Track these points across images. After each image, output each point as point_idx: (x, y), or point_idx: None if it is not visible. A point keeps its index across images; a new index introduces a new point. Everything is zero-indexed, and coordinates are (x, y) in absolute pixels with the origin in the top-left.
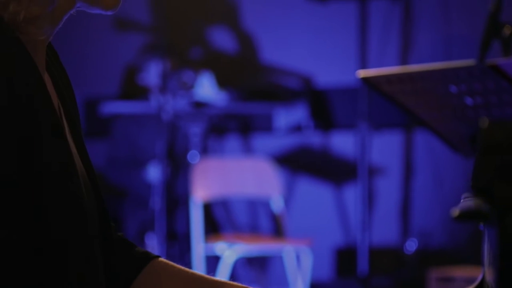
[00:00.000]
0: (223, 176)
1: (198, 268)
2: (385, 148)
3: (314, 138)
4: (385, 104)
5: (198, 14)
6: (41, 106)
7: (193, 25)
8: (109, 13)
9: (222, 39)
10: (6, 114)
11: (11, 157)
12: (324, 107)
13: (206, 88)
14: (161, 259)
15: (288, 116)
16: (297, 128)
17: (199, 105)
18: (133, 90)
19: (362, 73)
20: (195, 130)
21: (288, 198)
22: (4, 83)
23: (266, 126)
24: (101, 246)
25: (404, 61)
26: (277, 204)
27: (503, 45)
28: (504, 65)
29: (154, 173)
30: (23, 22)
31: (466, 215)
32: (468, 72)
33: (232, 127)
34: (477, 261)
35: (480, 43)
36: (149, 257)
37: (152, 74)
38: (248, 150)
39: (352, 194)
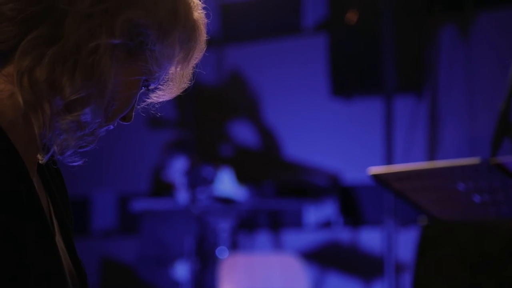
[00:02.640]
0: (251, 272)
1: None
2: (412, 244)
3: (343, 234)
4: None
5: (224, 111)
6: (31, 209)
7: (218, 121)
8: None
9: (248, 135)
10: None
11: None
12: (353, 204)
13: (226, 183)
14: None
15: (318, 212)
16: (326, 224)
17: (226, 201)
18: (161, 186)
19: (372, 170)
20: (224, 226)
21: None
22: None
23: (296, 222)
24: None
25: (430, 158)
26: None
27: None
28: (509, 163)
29: (182, 269)
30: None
31: None
32: (474, 170)
33: (262, 223)
34: None
35: (491, 141)
36: None
37: (176, 170)
38: (277, 246)
39: None
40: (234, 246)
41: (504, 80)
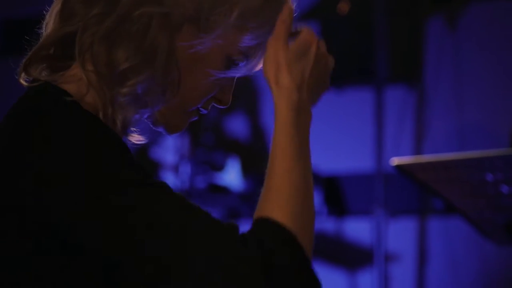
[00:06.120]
0: None
1: None
2: (400, 234)
3: (327, 225)
4: (400, 191)
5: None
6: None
7: (213, 111)
8: (169, 135)
9: (232, 126)
10: None
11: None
12: (337, 194)
13: (232, 173)
14: None
15: None
16: (319, 214)
17: (217, 189)
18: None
19: (396, 160)
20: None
21: None
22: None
23: None
24: None
25: (418, 148)
26: None
27: None
28: None
29: None
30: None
31: None
32: (504, 160)
33: (246, 213)
34: None
35: (509, 132)
36: None
37: (169, 149)
38: None
39: (367, 281)
40: None
41: (492, 71)
